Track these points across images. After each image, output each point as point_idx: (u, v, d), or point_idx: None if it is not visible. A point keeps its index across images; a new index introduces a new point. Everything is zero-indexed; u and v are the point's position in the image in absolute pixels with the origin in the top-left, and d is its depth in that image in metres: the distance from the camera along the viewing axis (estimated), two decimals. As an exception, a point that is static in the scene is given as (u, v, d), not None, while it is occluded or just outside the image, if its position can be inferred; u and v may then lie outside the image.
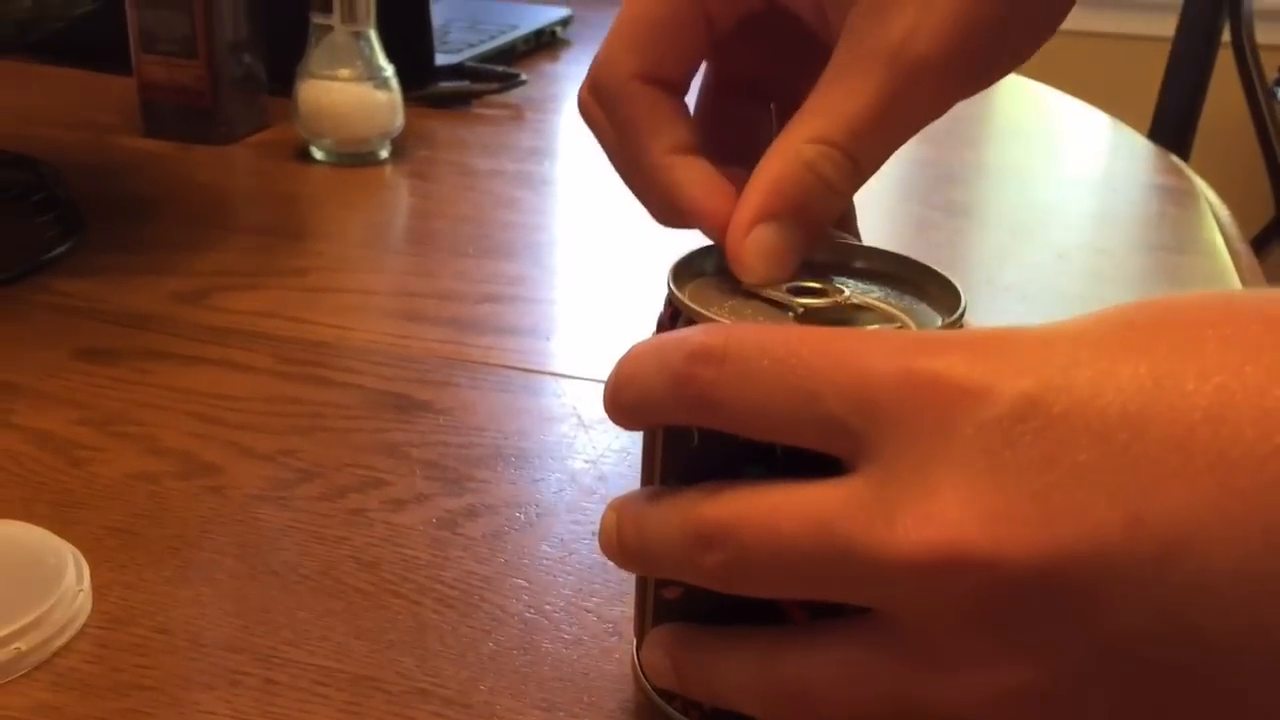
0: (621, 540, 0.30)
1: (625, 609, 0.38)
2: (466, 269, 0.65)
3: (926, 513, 0.23)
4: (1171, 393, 0.22)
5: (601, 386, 0.29)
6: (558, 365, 0.54)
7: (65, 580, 0.36)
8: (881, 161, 0.31)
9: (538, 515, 0.43)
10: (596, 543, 0.41)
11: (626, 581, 0.39)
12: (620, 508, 0.30)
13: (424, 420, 0.49)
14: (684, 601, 0.31)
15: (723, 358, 0.26)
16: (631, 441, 0.47)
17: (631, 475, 0.45)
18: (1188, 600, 0.22)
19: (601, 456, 0.47)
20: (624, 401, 0.29)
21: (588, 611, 0.38)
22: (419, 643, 0.36)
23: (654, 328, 0.31)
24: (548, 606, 0.38)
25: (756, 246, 0.30)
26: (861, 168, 0.30)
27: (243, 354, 0.54)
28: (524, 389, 0.52)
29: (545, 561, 0.40)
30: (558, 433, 0.48)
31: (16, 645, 0.34)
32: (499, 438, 0.48)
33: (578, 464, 0.46)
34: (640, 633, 0.34)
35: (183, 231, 0.68)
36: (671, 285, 0.31)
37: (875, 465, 0.24)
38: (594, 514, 0.43)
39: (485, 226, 0.71)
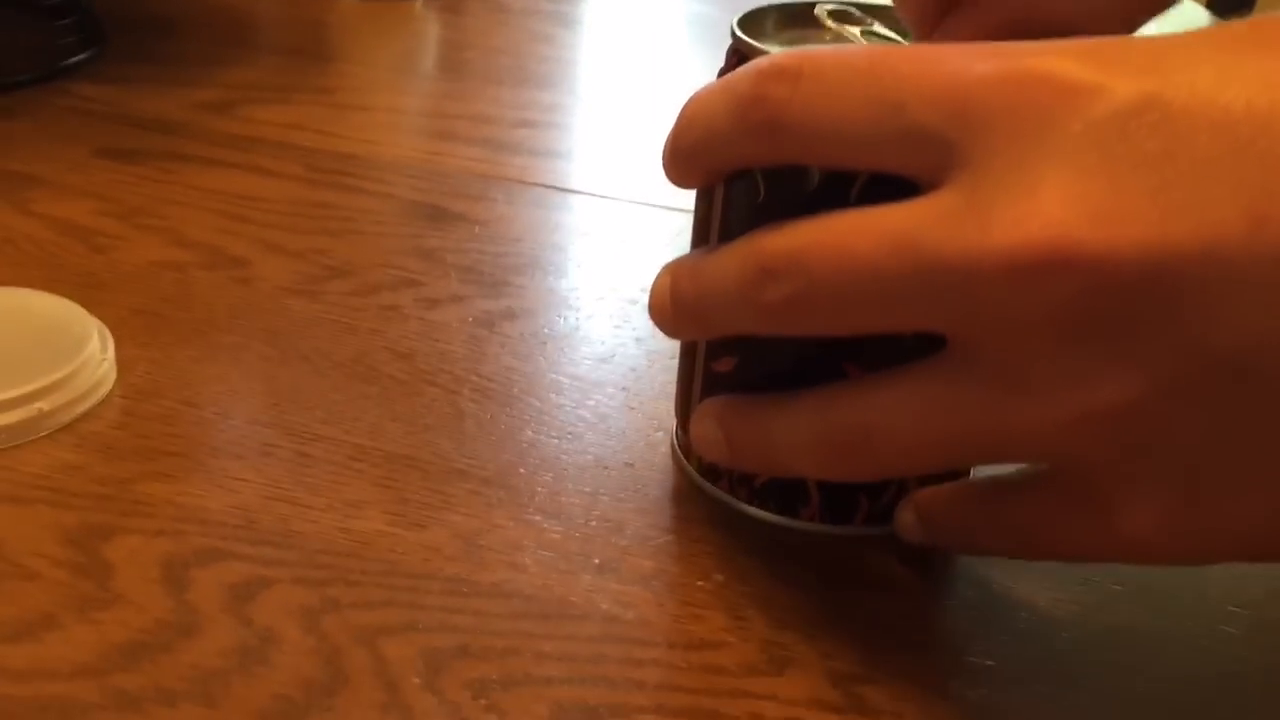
0: (675, 294, 0.28)
1: (671, 405, 0.36)
2: (501, 96, 0.62)
3: (1027, 210, 0.21)
4: None
5: (643, 209, 0.27)
6: (597, 187, 0.52)
7: (89, 347, 0.34)
8: None
9: (579, 320, 0.41)
10: (641, 348, 0.39)
11: (673, 382, 0.37)
12: (675, 265, 0.28)
13: (459, 229, 0.47)
14: (736, 373, 0.30)
15: (797, 74, 0.24)
16: (675, 258, 0.45)
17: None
18: None
19: (651, 271, 0.45)
20: (685, 144, 0.27)
21: (632, 409, 0.36)
22: (456, 428, 0.34)
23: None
24: (590, 402, 0.36)
25: None
26: None
27: (270, 161, 0.51)
28: (562, 206, 0.50)
29: (587, 362, 0.38)
30: (598, 247, 0.46)
31: (38, 405, 0.32)
32: (537, 248, 0.46)
33: (619, 276, 0.44)
34: (684, 414, 0.32)
35: (206, 48, 0.65)
36: (737, 30, 0.29)
37: (966, 172, 0.22)
38: (637, 320, 0.41)
39: (520, 58, 0.68)
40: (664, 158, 0.28)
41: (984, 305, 0.22)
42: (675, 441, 0.34)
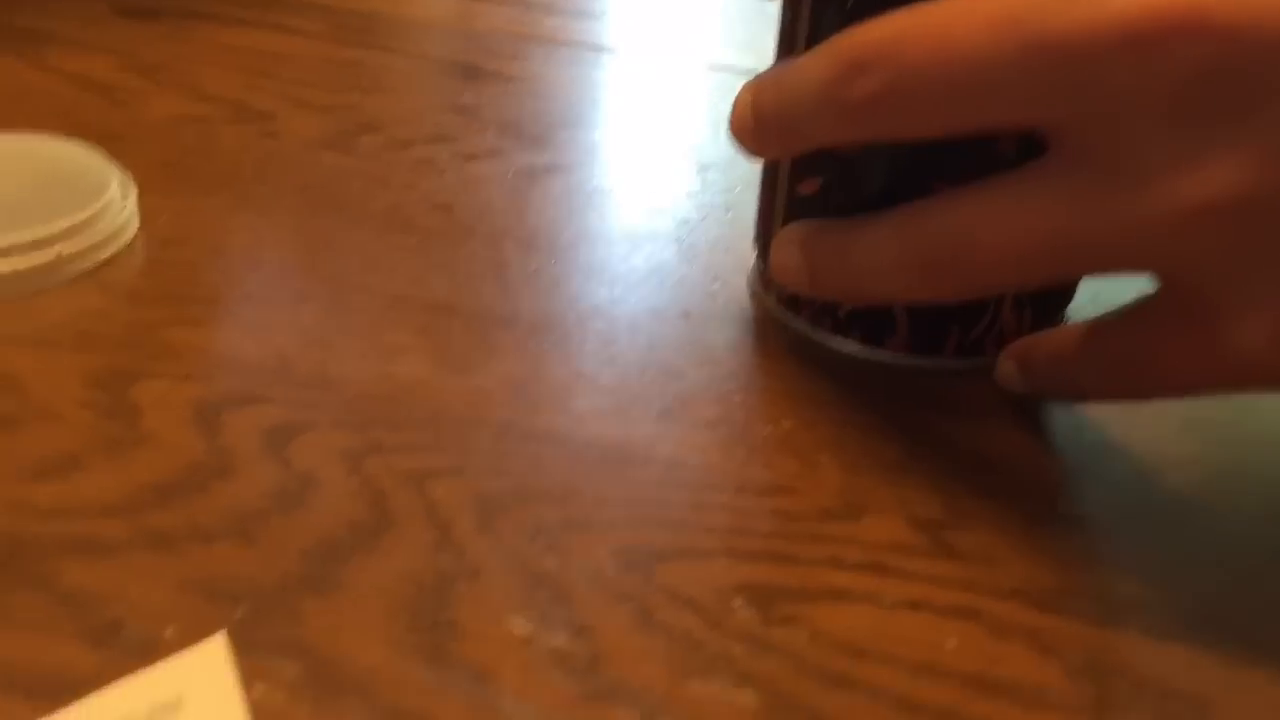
0: (757, 107, 0.25)
1: (734, 257, 0.34)
2: (534, -40, 0.59)
3: None
4: None
5: (685, 67, 0.24)
6: (636, 46, 0.49)
7: (110, 191, 0.32)
8: None
9: (626, 174, 0.38)
10: (693, 201, 0.37)
11: (737, 234, 0.35)
12: (757, 79, 0.26)
13: (495, 85, 0.44)
14: (822, 195, 0.28)
15: None
16: (725, 117, 0.43)
17: (734, 147, 0.41)
18: None
19: (695, 127, 0.42)
20: None
21: (687, 261, 0.34)
22: (500, 277, 0.32)
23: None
24: (641, 253, 0.34)
25: None
26: None
27: (294, 19, 0.49)
28: (600, 65, 0.47)
29: (637, 214, 0.36)
30: (641, 104, 0.44)
31: (57, 248, 0.30)
32: (578, 105, 0.43)
33: (665, 131, 0.42)
34: (765, 243, 0.30)
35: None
36: None
37: None
38: (687, 173, 0.39)
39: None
40: None
41: (1096, 86, 0.19)
42: (755, 275, 0.32)
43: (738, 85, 0.27)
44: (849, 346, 0.29)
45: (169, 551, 0.22)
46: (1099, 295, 0.31)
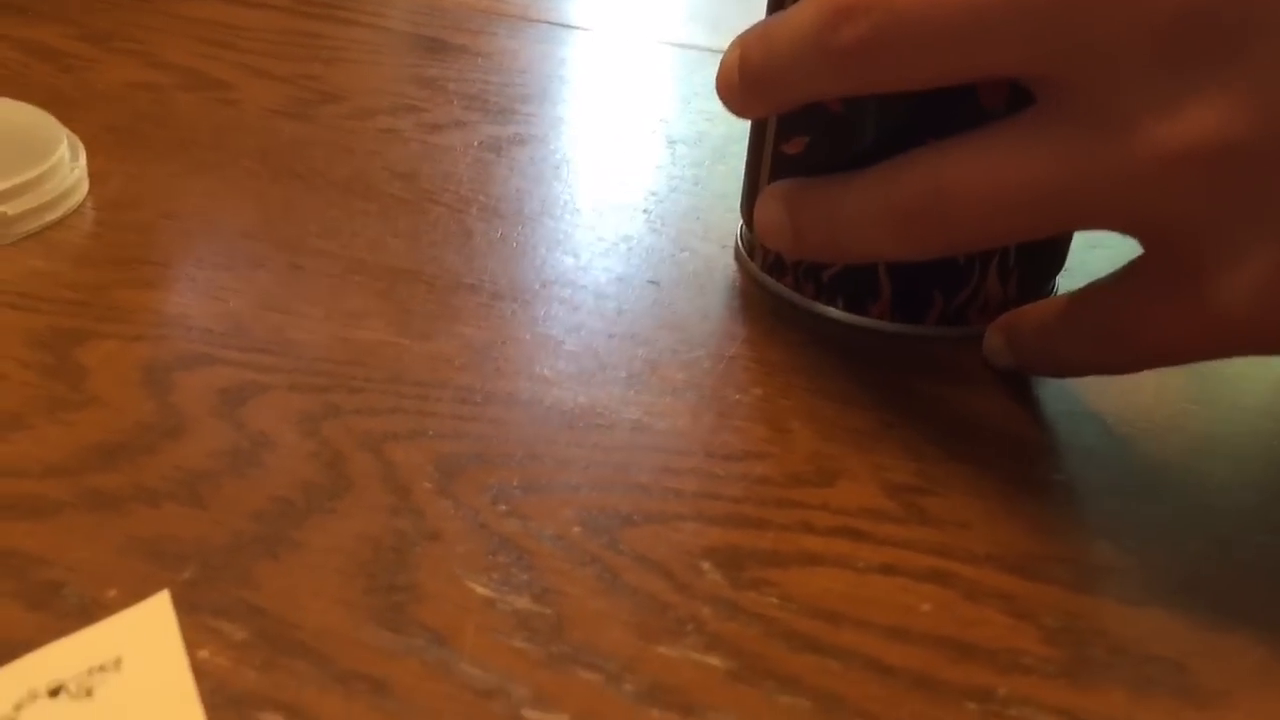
0: (744, 60, 0.25)
1: (703, 227, 0.33)
2: (501, -61, 0.58)
3: None
4: None
5: (653, 45, 0.24)
6: (605, 24, 0.48)
7: (57, 153, 0.31)
8: None
9: (593, 146, 0.38)
10: (661, 174, 0.36)
11: (705, 206, 0.34)
12: (745, 34, 0.25)
13: (461, 60, 0.43)
14: (807, 154, 0.27)
15: None
16: (694, 94, 0.42)
17: (703, 122, 0.40)
18: None
19: (663, 103, 0.41)
20: None
21: (654, 231, 0.33)
22: (464, 244, 0.31)
23: None
24: (609, 223, 0.33)
25: None
26: None
27: (254, -8, 0.48)
28: (568, 42, 0.46)
29: (605, 185, 0.35)
30: (609, 81, 0.43)
31: (1, 209, 0.29)
32: (544, 80, 0.42)
33: (634, 106, 0.41)
34: (750, 207, 0.29)
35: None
36: None
37: None
38: (655, 147, 0.38)
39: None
40: None
41: (1081, 29, 0.19)
42: (739, 240, 0.32)
43: (705, 63, 0.27)
44: (833, 312, 0.28)
45: (113, 512, 0.21)
46: (1086, 264, 0.31)
